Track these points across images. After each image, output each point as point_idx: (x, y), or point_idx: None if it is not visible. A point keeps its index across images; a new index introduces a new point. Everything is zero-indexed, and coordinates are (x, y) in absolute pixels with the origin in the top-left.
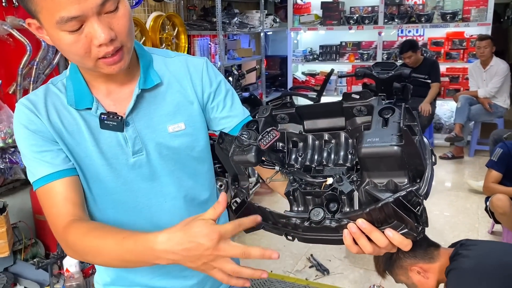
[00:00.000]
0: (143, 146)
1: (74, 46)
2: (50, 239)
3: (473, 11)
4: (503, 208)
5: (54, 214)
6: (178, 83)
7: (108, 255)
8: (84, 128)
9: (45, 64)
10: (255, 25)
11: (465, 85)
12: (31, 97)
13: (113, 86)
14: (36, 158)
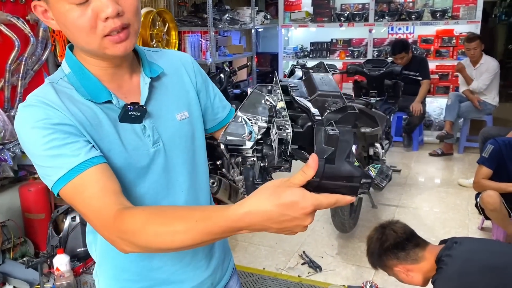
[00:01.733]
0: (159, 135)
1: (80, 20)
2: (39, 238)
3: (462, 9)
4: (493, 204)
5: (96, 206)
6: (175, 73)
7: (179, 241)
8: (106, 121)
9: (34, 60)
10: (246, 22)
11: (455, 82)
12: (39, 94)
13: (121, 79)
14: (60, 153)
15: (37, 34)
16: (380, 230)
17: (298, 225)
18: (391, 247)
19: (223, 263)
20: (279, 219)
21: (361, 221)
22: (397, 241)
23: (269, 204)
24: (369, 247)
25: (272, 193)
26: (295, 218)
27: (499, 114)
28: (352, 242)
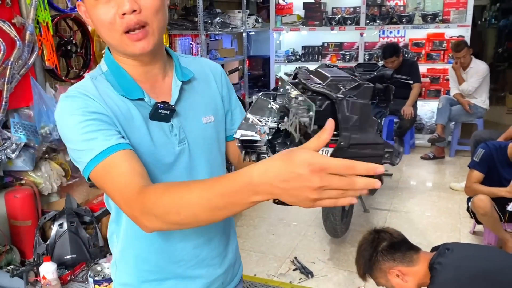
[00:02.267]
0: (185, 135)
1: (103, 16)
2: (26, 245)
3: (452, 12)
4: (484, 209)
5: (122, 183)
6: (204, 79)
7: (196, 205)
8: (138, 116)
9: (20, 64)
10: (237, 25)
11: (446, 85)
12: (80, 87)
13: (154, 80)
14: (94, 137)
15: (23, 37)
16: (374, 233)
17: (305, 186)
18: (387, 247)
19: (234, 265)
20: (286, 176)
21: (353, 226)
22: (393, 242)
23: (279, 161)
24: (361, 252)
25: (284, 153)
26: (301, 177)
27: (490, 117)
28: (344, 247)
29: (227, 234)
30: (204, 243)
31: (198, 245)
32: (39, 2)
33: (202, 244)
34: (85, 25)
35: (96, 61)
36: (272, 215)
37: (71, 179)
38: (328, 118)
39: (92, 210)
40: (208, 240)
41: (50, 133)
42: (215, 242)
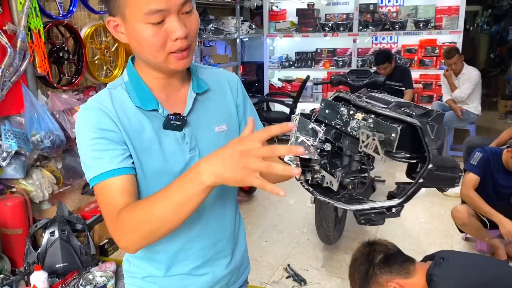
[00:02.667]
0: (196, 143)
1: (154, 38)
2: (16, 254)
3: (445, 19)
4: (461, 219)
5: (110, 207)
6: (219, 89)
7: (161, 207)
8: (149, 127)
9: (12, 71)
10: (231, 32)
11: (438, 91)
12: (97, 99)
13: (171, 91)
14: (99, 156)
15: (14, 44)
16: (368, 246)
17: (234, 153)
18: (383, 259)
19: (240, 267)
20: (222, 153)
21: (346, 233)
22: (389, 254)
23: (219, 149)
24: (356, 266)
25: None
26: (232, 147)
27: (482, 123)
28: (337, 254)
29: (236, 237)
30: (210, 245)
31: (205, 247)
32: (31, 9)
33: (208, 246)
34: (77, 32)
35: (89, 68)
36: (265, 222)
37: (63, 187)
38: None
39: (84, 217)
40: (214, 243)
41: (41, 140)
42: (222, 245)
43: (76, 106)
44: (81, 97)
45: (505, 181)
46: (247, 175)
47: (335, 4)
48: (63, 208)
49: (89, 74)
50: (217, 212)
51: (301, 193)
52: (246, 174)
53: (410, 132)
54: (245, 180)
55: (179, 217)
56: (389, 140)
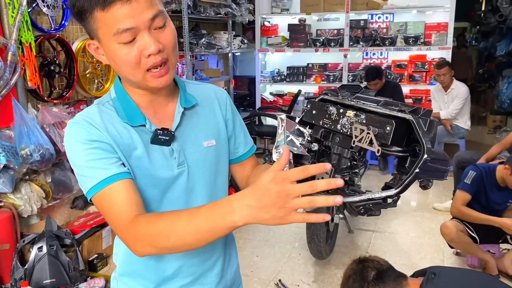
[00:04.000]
0: (185, 158)
1: (127, 57)
2: (3, 270)
3: (434, 35)
4: (449, 235)
5: (117, 212)
6: (208, 105)
7: (183, 230)
8: (139, 140)
9: (2, 84)
10: (223, 46)
11: (428, 106)
12: (86, 114)
13: (157, 106)
14: (95, 165)
15: (5, 58)
16: (360, 263)
17: (273, 198)
18: (376, 276)
19: (232, 286)
20: (258, 194)
21: (338, 247)
22: (382, 270)
23: (251, 187)
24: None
25: (253, 183)
26: (269, 190)
27: (472, 137)
28: (329, 269)
29: (228, 256)
30: (200, 263)
31: (194, 264)
32: (22, 22)
33: (198, 263)
34: (69, 46)
35: (80, 81)
36: (256, 237)
37: (52, 201)
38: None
39: (73, 232)
40: (204, 260)
41: (30, 154)
42: (211, 262)
43: (67, 119)
44: (71, 111)
45: (498, 198)
46: (286, 214)
47: (326, 20)
48: (51, 223)
49: (80, 87)
50: None
51: None
52: (284, 213)
53: (402, 127)
54: (285, 219)
55: (199, 244)
56: (383, 133)
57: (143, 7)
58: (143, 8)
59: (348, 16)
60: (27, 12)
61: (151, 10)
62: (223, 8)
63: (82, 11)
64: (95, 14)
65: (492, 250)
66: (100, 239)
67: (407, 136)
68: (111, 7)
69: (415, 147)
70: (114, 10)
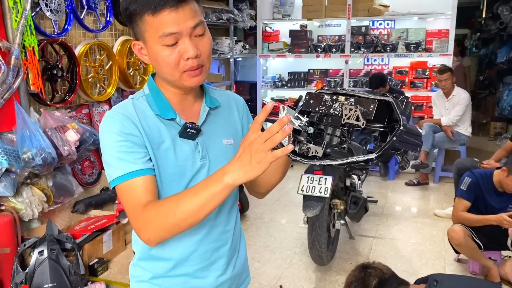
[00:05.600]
0: (207, 153)
1: (168, 58)
2: (4, 274)
3: (435, 42)
4: (457, 239)
5: (134, 202)
6: (228, 108)
7: (186, 202)
8: (167, 134)
9: (4, 88)
10: (225, 52)
11: (429, 113)
12: (123, 106)
13: (186, 105)
14: (124, 157)
15: (8, 62)
16: (362, 270)
17: (245, 147)
18: (378, 285)
19: (241, 275)
20: (237, 154)
21: (339, 253)
22: (384, 278)
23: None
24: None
25: None
26: (242, 145)
27: (472, 144)
28: (330, 275)
29: (236, 247)
30: (214, 249)
31: (208, 250)
32: (26, 27)
33: (212, 250)
34: (72, 50)
35: (82, 85)
36: (257, 242)
37: (53, 205)
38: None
39: (74, 236)
40: (217, 247)
41: (32, 158)
42: (224, 251)
43: (69, 123)
44: (73, 115)
45: (497, 203)
46: (261, 158)
47: (327, 26)
48: (52, 227)
49: (82, 91)
50: (223, 219)
51: (293, 213)
52: (259, 158)
53: (384, 108)
54: (262, 162)
55: (202, 212)
56: (368, 111)
57: (188, 16)
58: (187, 16)
59: (349, 23)
60: (30, 17)
61: (193, 19)
62: (225, 14)
63: (134, 14)
64: (145, 17)
65: (493, 257)
66: (101, 244)
67: (388, 116)
68: (161, 13)
69: (394, 125)
70: (163, 16)
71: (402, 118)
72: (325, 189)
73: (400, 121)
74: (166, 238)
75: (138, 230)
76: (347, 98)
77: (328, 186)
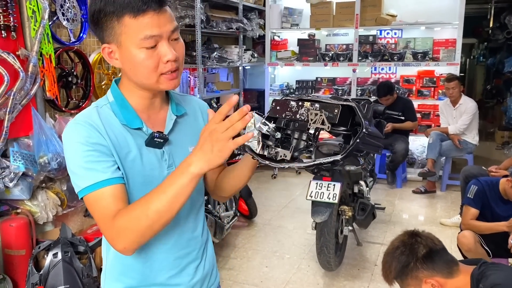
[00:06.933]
0: (173, 161)
1: (147, 61)
2: (19, 275)
3: (442, 51)
4: (468, 245)
5: (104, 212)
6: (193, 114)
7: (156, 201)
8: (133, 143)
9: (22, 94)
10: (234, 60)
11: (436, 121)
12: (87, 115)
13: (152, 111)
14: (92, 167)
15: (27, 69)
16: (412, 237)
17: (207, 136)
18: (427, 255)
19: (212, 273)
20: (199, 143)
21: (347, 259)
22: (435, 249)
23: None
24: (396, 255)
25: None
26: (203, 134)
27: (480, 152)
28: (338, 281)
29: (205, 246)
30: (184, 255)
31: (179, 257)
32: (44, 35)
33: (182, 256)
34: (86, 58)
35: (96, 92)
36: (266, 248)
37: (67, 208)
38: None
39: (86, 239)
40: (187, 253)
41: (48, 162)
42: (194, 255)
43: None
44: None
45: (503, 211)
46: (222, 146)
47: (335, 35)
48: (66, 230)
49: (96, 98)
50: (190, 225)
51: (302, 220)
52: (221, 145)
53: (347, 113)
54: (223, 150)
55: (173, 208)
56: (333, 115)
57: (167, 20)
58: (167, 20)
59: (357, 32)
60: (48, 25)
61: (172, 23)
62: (235, 23)
63: (109, 16)
64: (123, 19)
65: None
66: None
67: (351, 120)
68: (143, 15)
69: (357, 129)
70: (145, 18)
71: (364, 122)
72: (334, 195)
73: (363, 124)
74: (142, 242)
75: (112, 240)
76: (312, 103)
77: (336, 192)
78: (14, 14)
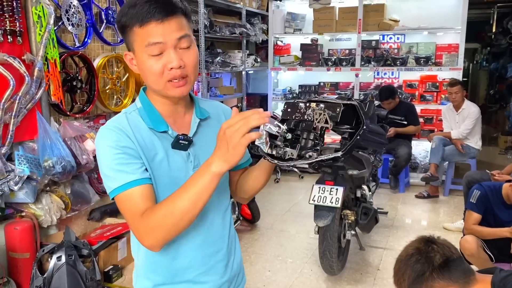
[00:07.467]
0: (199, 162)
1: (153, 67)
2: (23, 278)
3: (445, 56)
4: (470, 250)
5: (133, 211)
6: (216, 118)
7: (180, 200)
8: (160, 146)
9: (28, 98)
10: (237, 65)
11: (439, 126)
12: (116, 121)
13: (177, 116)
14: (122, 169)
15: (32, 73)
16: (428, 244)
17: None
18: (443, 264)
19: (238, 275)
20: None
21: (349, 264)
22: (451, 258)
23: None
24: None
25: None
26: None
27: (483, 157)
28: (340, 285)
29: (232, 249)
30: (212, 254)
31: (207, 255)
32: (49, 40)
33: (210, 255)
34: (91, 62)
35: (100, 97)
36: (268, 252)
37: (71, 212)
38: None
39: (90, 243)
40: (215, 252)
41: (53, 166)
42: (222, 255)
43: (87, 133)
44: (91, 125)
45: (506, 216)
46: (236, 143)
47: (338, 40)
48: (70, 233)
49: (100, 102)
50: (218, 223)
51: (303, 224)
52: (235, 143)
53: (350, 111)
54: (238, 147)
55: (197, 207)
56: (335, 114)
57: (173, 29)
58: (173, 29)
59: (360, 37)
60: (53, 30)
61: (179, 32)
62: (238, 28)
63: (124, 26)
64: (134, 29)
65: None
66: (116, 251)
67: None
68: (147, 25)
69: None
70: (149, 28)
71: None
72: (337, 199)
73: (363, 122)
74: (168, 239)
75: (141, 237)
76: (317, 104)
77: (339, 196)
78: (20, 19)
